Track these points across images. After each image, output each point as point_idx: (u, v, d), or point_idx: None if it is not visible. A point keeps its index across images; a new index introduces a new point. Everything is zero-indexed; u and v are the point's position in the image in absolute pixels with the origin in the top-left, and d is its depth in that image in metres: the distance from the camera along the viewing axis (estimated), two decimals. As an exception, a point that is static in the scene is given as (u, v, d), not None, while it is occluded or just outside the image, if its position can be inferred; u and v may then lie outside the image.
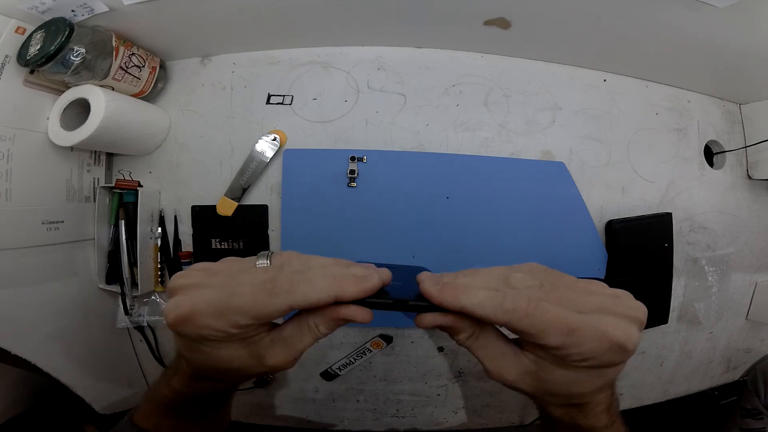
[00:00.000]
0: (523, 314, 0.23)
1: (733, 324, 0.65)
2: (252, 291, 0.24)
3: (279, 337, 0.27)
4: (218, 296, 0.24)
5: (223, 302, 0.24)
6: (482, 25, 0.50)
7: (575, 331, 0.23)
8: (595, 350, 0.23)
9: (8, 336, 0.44)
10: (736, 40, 0.49)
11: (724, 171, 0.62)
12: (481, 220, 0.54)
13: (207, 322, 0.24)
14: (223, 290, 0.24)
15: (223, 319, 0.24)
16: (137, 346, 0.60)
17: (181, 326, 0.24)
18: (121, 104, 0.48)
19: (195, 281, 0.25)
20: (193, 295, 0.25)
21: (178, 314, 0.24)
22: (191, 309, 0.24)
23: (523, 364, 0.26)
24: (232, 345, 0.25)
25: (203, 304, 0.24)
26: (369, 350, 0.57)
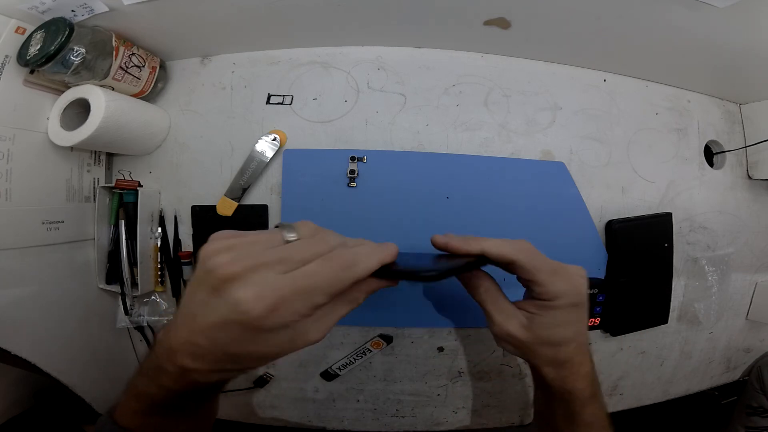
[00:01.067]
0: (530, 253, 0.32)
1: (733, 324, 0.65)
2: (327, 269, 0.24)
3: (319, 313, 0.26)
4: (297, 279, 0.23)
5: (306, 284, 0.23)
6: (482, 25, 0.50)
7: (556, 271, 0.32)
8: (564, 289, 0.32)
9: (8, 336, 0.44)
10: (736, 40, 0.49)
11: (724, 171, 0.62)
12: (481, 220, 0.54)
13: (297, 307, 0.23)
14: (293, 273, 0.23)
15: (307, 302, 0.23)
16: (137, 346, 0.60)
17: (269, 319, 0.22)
18: (121, 104, 0.48)
19: (248, 263, 0.23)
20: (266, 282, 0.22)
21: (266, 304, 0.22)
22: (278, 297, 0.22)
23: (519, 318, 0.34)
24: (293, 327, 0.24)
25: (288, 289, 0.23)
26: (369, 350, 0.57)
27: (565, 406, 0.35)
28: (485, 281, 0.36)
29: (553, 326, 0.33)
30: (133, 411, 0.28)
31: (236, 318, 0.22)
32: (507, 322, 0.34)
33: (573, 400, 0.34)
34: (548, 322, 0.33)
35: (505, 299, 0.35)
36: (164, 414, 0.28)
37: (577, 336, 0.33)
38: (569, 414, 0.35)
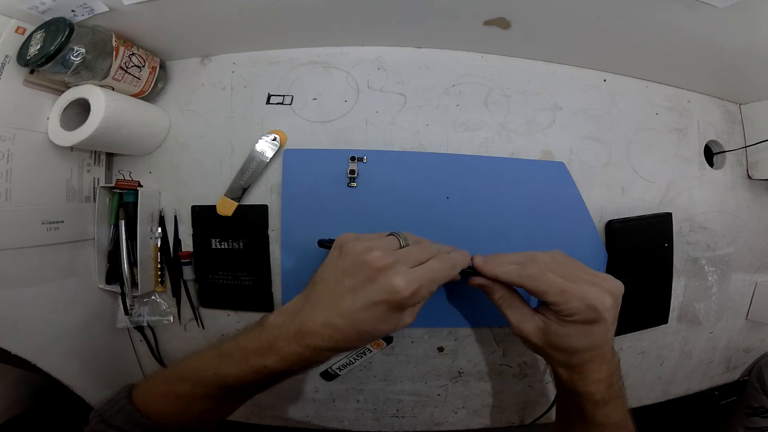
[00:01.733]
0: (533, 279, 0.35)
1: (733, 324, 0.65)
2: (443, 267, 0.33)
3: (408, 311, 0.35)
4: (426, 272, 0.31)
5: (432, 276, 0.32)
6: (482, 25, 0.50)
7: (565, 292, 0.34)
8: (577, 308, 0.33)
9: (8, 336, 0.44)
10: (736, 40, 0.49)
11: (724, 171, 0.62)
12: (481, 220, 0.54)
13: (424, 292, 0.31)
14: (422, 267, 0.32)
15: (431, 288, 0.32)
16: (137, 346, 0.60)
17: (413, 298, 0.30)
18: (121, 104, 0.48)
19: (392, 260, 0.31)
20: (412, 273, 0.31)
21: (413, 288, 0.30)
22: (419, 283, 0.30)
23: (536, 322, 0.37)
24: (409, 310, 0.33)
25: (425, 278, 0.31)
26: (369, 350, 0.57)
27: (577, 406, 0.37)
28: (500, 289, 0.39)
29: (567, 336, 0.35)
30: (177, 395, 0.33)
31: (387, 298, 0.30)
32: (522, 324, 0.37)
33: (584, 402, 0.36)
34: (562, 332, 0.35)
35: (521, 302, 0.39)
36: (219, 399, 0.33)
37: (594, 347, 0.35)
38: (582, 413, 0.37)
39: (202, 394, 0.32)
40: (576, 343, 0.35)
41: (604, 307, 0.33)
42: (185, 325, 0.58)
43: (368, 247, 0.31)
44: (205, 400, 0.33)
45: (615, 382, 0.37)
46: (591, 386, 0.36)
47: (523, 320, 0.38)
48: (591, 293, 0.33)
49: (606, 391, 0.36)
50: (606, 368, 0.36)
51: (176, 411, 0.32)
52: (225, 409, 0.37)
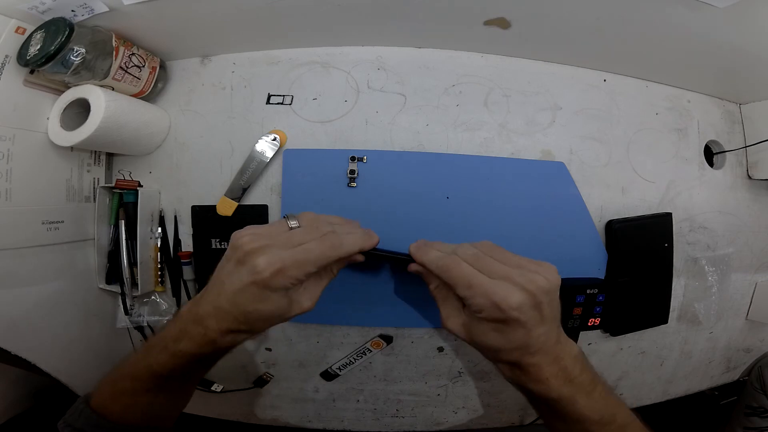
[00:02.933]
0: (446, 269, 0.34)
1: (733, 324, 0.65)
2: (320, 247, 0.33)
3: (308, 284, 0.35)
4: (297, 253, 0.32)
5: (303, 257, 0.32)
6: (482, 25, 0.50)
7: (472, 286, 0.32)
8: (482, 304, 0.32)
9: (8, 336, 0.44)
10: (737, 40, 0.49)
11: (724, 171, 0.62)
12: (481, 220, 0.54)
13: (294, 272, 0.31)
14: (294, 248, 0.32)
15: (303, 270, 0.32)
16: (137, 346, 0.60)
17: (276, 277, 0.31)
18: (121, 104, 0.48)
19: (263, 243, 0.31)
20: (275, 253, 0.31)
21: (274, 269, 0.30)
22: (281, 264, 0.31)
23: (462, 318, 0.36)
24: (290, 293, 0.33)
25: (289, 259, 0.31)
26: (369, 350, 0.57)
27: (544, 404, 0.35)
28: (435, 279, 0.38)
29: (483, 334, 0.34)
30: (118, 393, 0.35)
31: (253, 279, 0.30)
32: (449, 319, 0.37)
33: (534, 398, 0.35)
34: (478, 330, 0.34)
35: (455, 298, 0.36)
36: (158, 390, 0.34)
37: (517, 347, 0.32)
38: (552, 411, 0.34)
39: (141, 389, 0.34)
40: (492, 341, 0.33)
41: (509, 306, 0.30)
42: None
43: (243, 234, 0.33)
44: (145, 394, 0.34)
45: (577, 375, 0.33)
46: (539, 386, 0.33)
47: (450, 315, 0.37)
48: (496, 289, 0.31)
49: (564, 387, 0.32)
50: (550, 367, 0.32)
51: (125, 408, 0.34)
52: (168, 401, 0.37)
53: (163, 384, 0.34)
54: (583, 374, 0.34)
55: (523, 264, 0.33)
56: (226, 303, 0.32)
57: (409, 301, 0.54)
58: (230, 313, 0.32)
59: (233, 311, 0.32)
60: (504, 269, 0.32)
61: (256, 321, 0.33)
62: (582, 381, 0.33)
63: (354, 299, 0.54)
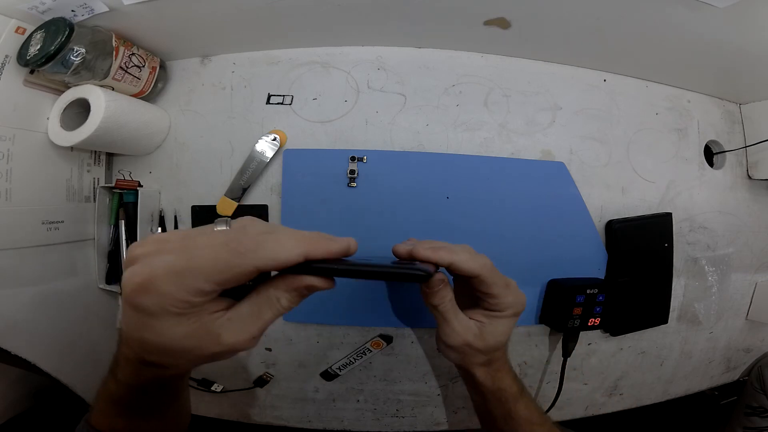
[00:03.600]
0: (490, 269, 0.34)
1: (733, 324, 0.65)
2: (214, 252, 0.22)
3: (237, 315, 0.24)
4: (178, 260, 0.22)
5: (183, 265, 0.22)
6: (482, 25, 0.50)
7: (509, 285, 0.36)
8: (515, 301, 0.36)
9: (8, 336, 0.44)
10: (737, 40, 0.49)
11: (724, 171, 0.62)
12: (481, 220, 0.54)
13: (167, 288, 0.21)
14: (182, 254, 0.22)
15: (185, 285, 0.22)
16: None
17: (140, 296, 0.22)
18: (121, 104, 0.48)
19: (152, 249, 0.23)
20: (151, 262, 0.22)
21: (136, 282, 0.22)
22: (150, 275, 0.21)
23: (473, 327, 0.36)
24: (188, 320, 0.23)
25: (162, 269, 0.22)
26: (369, 350, 0.57)
27: (499, 405, 0.39)
28: (448, 291, 0.36)
29: (498, 334, 0.36)
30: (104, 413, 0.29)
31: (123, 296, 0.22)
32: (466, 332, 0.36)
33: (504, 397, 0.38)
34: (494, 330, 0.36)
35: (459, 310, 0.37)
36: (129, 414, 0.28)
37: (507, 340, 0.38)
38: (506, 412, 0.38)
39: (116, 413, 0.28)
40: (503, 337, 0.37)
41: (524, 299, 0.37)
42: None
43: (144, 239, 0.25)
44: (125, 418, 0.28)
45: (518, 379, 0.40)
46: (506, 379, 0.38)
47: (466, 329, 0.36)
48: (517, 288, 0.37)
49: (516, 383, 0.39)
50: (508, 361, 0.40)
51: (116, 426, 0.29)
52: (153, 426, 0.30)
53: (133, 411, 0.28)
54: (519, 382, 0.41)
55: None
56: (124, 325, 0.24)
57: (409, 301, 0.54)
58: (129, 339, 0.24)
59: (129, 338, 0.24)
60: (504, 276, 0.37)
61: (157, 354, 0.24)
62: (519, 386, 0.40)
63: (354, 299, 0.54)
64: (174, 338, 0.23)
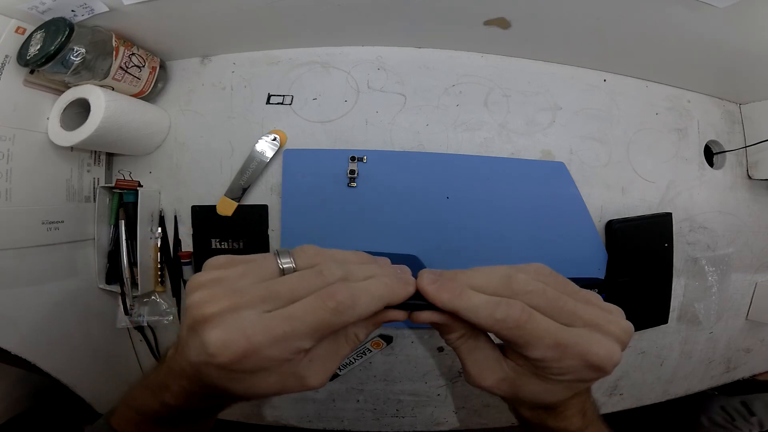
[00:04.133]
0: (514, 325, 0.22)
1: (733, 324, 0.65)
2: (314, 311, 0.21)
3: (318, 355, 0.24)
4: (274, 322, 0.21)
5: (285, 329, 0.21)
6: (482, 25, 0.50)
7: (561, 346, 0.23)
8: (574, 367, 0.23)
9: (8, 336, 0.44)
10: (737, 40, 0.49)
11: (724, 171, 0.62)
12: (481, 220, 0.54)
13: (270, 353, 0.20)
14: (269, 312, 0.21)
15: (287, 347, 0.21)
16: (137, 346, 0.60)
17: (240, 364, 0.20)
18: (121, 104, 0.48)
19: (225, 305, 0.21)
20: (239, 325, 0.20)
21: (235, 352, 0.20)
22: (248, 344, 0.20)
23: (503, 371, 0.26)
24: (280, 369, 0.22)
25: (262, 335, 0.20)
26: (369, 350, 0.57)
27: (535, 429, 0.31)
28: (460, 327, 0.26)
29: (546, 393, 0.26)
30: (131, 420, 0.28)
31: (207, 360, 0.20)
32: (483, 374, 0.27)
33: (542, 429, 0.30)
34: (540, 390, 0.26)
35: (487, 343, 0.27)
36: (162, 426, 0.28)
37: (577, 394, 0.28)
38: None
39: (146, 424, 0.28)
40: (556, 398, 0.27)
41: (613, 365, 0.24)
42: None
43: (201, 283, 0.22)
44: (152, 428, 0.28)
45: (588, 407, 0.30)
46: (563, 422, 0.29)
47: (485, 369, 0.27)
48: (597, 347, 0.23)
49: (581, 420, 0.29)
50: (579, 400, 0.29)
51: None
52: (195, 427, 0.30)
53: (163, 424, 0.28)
54: (592, 406, 0.31)
55: (591, 299, 0.26)
56: (191, 369, 0.23)
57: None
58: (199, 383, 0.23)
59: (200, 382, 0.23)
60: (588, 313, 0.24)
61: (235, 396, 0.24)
62: (591, 413, 0.31)
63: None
64: (263, 387, 0.22)
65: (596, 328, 0.24)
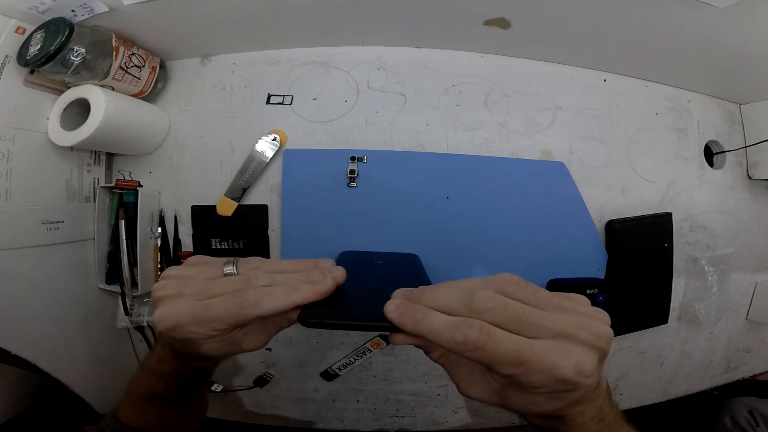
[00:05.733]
0: (472, 347, 0.23)
1: (733, 324, 0.65)
2: (225, 305, 0.28)
3: (251, 329, 0.31)
4: (196, 308, 0.28)
5: (202, 314, 0.28)
6: (482, 25, 0.50)
7: (524, 363, 0.22)
8: (544, 381, 0.23)
9: (8, 336, 0.44)
10: (737, 40, 0.49)
11: (724, 171, 0.62)
12: (481, 220, 0.54)
13: (191, 329, 0.28)
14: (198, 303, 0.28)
15: (205, 327, 0.28)
16: (137, 346, 0.60)
17: (171, 333, 0.28)
18: (121, 104, 0.48)
19: (172, 292, 0.29)
20: (175, 306, 0.28)
21: (166, 325, 0.28)
22: (176, 320, 0.28)
23: (489, 383, 0.27)
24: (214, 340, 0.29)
25: (185, 316, 0.28)
26: (369, 350, 0.57)
27: None
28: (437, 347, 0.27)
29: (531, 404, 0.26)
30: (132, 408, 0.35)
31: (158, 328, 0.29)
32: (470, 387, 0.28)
33: None
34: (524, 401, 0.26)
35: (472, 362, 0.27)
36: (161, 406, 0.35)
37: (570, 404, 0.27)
38: None
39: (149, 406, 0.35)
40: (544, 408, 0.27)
41: (586, 375, 0.23)
42: None
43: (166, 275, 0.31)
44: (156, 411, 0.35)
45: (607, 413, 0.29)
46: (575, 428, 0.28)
47: (472, 382, 0.28)
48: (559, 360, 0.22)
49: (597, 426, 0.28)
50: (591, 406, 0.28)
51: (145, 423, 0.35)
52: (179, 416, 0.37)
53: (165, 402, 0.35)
54: (611, 411, 0.30)
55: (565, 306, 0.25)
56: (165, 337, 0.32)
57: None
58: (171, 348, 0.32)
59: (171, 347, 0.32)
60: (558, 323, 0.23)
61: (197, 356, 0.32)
62: (610, 418, 0.30)
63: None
64: (204, 350, 0.30)
65: (566, 338, 0.23)
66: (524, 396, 0.25)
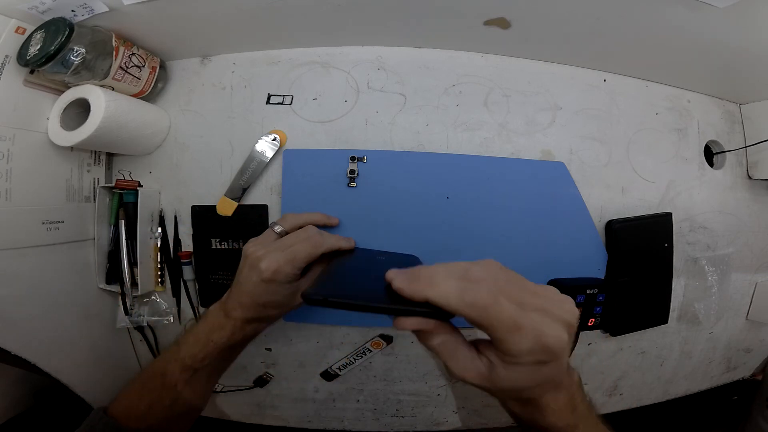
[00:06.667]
0: (482, 307, 0.25)
1: (733, 324, 0.65)
2: (303, 247, 0.41)
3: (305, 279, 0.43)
4: (287, 254, 0.40)
5: (291, 257, 0.40)
6: (482, 25, 0.50)
7: (520, 329, 0.25)
8: (531, 348, 0.26)
9: (8, 336, 0.44)
10: (736, 40, 0.49)
11: (724, 171, 0.62)
12: (482, 220, 0.54)
13: (287, 269, 0.40)
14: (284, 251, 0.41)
15: (294, 265, 0.40)
16: (137, 346, 0.60)
17: (276, 276, 0.40)
18: (121, 104, 0.48)
19: (265, 250, 0.41)
20: (273, 256, 0.40)
21: (274, 269, 0.39)
22: (277, 264, 0.40)
23: (478, 368, 0.29)
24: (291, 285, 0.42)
25: (282, 260, 0.40)
26: (369, 350, 0.57)
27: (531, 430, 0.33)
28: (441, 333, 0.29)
29: (514, 380, 0.28)
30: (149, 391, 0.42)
31: (261, 278, 0.40)
32: (464, 372, 0.30)
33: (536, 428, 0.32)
34: (508, 376, 0.28)
35: (463, 344, 0.30)
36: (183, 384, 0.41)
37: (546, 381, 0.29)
38: None
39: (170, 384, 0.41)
40: (524, 384, 0.29)
41: (561, 347, 0.26)
42: (185, 324, 0.58)
43: (250, 245, 0.43)
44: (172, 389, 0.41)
45: (579, 403, 0.32)
46: (551, 417, 0.31)
47: (465, 366, 0.29)
48: (545, 329, 0.26)
49: (571, 416, 0.31)
50: (564, 394, 0.31)
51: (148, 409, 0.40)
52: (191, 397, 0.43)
53: (191, 377, 0.42)
54: (583, 402, 0.33)
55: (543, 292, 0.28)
56: (247, 298, 0.41)
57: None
58: (251, 306, 0.41)
59: (253, 304, 0.41)
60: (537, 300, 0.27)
61: (271, 309, 0.42)
62: (582, 409, 0.32)
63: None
64: (285, 294, 0.42)
65: (544, 313, 0.26)
66: (509, 372, 0.28)
